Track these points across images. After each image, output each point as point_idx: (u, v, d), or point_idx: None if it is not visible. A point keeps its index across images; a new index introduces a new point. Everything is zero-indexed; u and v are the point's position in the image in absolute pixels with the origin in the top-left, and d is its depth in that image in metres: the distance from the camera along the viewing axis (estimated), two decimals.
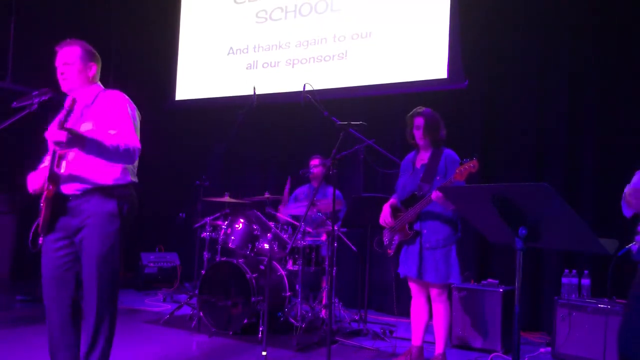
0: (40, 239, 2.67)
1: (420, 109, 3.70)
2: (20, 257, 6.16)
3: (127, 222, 2.74)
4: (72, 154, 2.62)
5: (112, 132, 2.61)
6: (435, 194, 3.37)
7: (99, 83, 2.85)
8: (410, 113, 3.72)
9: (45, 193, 2.60)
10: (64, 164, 2.64)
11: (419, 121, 3.66)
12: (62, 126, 2.37)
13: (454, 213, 3.56)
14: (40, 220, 2.64)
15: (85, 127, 2.62)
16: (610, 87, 4.78)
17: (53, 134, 2.38)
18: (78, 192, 2.64)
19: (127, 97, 2.79)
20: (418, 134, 3.67)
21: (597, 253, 2.31)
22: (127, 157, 2.60)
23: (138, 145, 2.65)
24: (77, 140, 2.40)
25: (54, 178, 2.60)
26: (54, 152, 2.56)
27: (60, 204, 2.63)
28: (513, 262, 1.98)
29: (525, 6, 5.19)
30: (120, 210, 2.69)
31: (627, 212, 2.49)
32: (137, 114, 2.78)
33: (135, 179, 2.79)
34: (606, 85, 4.80)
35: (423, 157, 3.70)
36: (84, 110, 2.69)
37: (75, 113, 2.68)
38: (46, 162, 2.83)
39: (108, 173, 2.66)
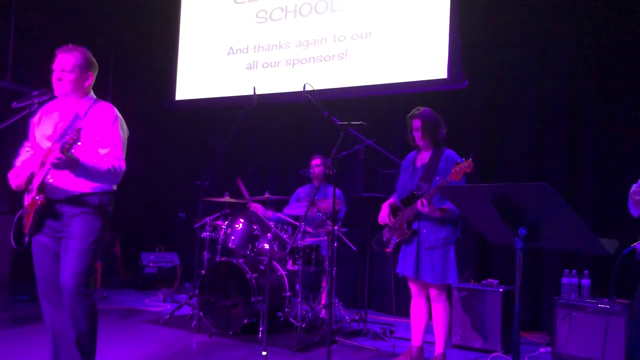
0: (26, 238, 2.73)
1: (418, 110, 3.68)
2: (20, 257, 6.15)
3: (105, 224, 2.80)
4: None
5: (102, 151, 2.70)
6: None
7: (92, 93, 2.87)
8: (409, 115, 3.71)
9: (37, 203, 2.66)
10: (50, 175, 2.70)
11: (417, 123, 3.65)
12: (63, 150, 2.44)
13: (455, 214, 3.55)
14: (27, 223, 2.70)
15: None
16: (610, 87, 4.78)
17: (54, 156, 2.45)
18: (62, 198, 2.71)
19: (116, 111, 2.83)
20: (417, 136, 3.66)
21: (597, 253, 2.31)
22: (114, 179, 2.74)
23: (124, 167, 2.76)
24: (71, 164, 2.51)
25: (44, 188, 2.67)
26: (49, 168, 2.60)
27: (46, 208, 2.69)
28: (513, 262, 1.98)
29: (525, 6, 5.19)
30: (101, 212, 2.77)
31: (635, 212, 2.46)
32: (124, 129, 2.85)
33: (115, 187, 2.87)
34: (606, 85, 4.80)
35: (424, 157, 3.70)
36: (75, 121, 2.72)
37: (65, 123, 2.71)
38: (23, 155, 2.91)
39: (89, 182, 2.73)
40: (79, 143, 2.47)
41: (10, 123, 2.76)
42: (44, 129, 2.80)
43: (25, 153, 2.93)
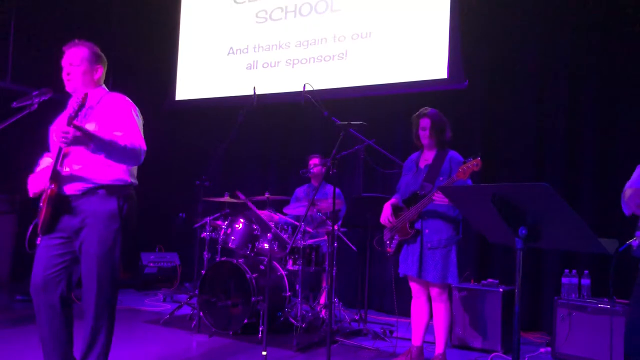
0: (38, 239, 2.67)
1: (426, 109, 3.68)
2: (20, 257, 6.15)
3: (127, 222, 2.74)
4: (72, 153, 2.62)
5: (117, 133, 2.62)
6: (437, 195, 3.37)
7: (104, 86, 2.86)
8: (416, 114, 3.71)
9: (47, 192, 2.60)
10: (66, 165, 2.64)
11: (425, 122, 3.65)
12: (70, 122, 2.37)
13: (458, 213, 3.55)
14: (40, 220, 2.63)
15: (89, 128, 2.63)
16: (610, 87, 4.78)
17: (60, 129, 2.38)
18: (78, 192, 2.64)
19: (130, 100, 2.81)
20: (424, 135, 3.67)
21: (597, 253, 2.31)
22: (134, 157, 2.63)
23: (144, 146, 2.67)
24: (84, 137, 2.43)
25: (56, 177, 2.60)
26: (59, 151, 2.56)
27: (60, 204, 2.63)
28: (513, 262, 1.98)
29: (525, 6, 5.19)
30: (120, 210, 2.69)
31: (627, 211, 2.48)
32: (140, 116, 2.80)
33: (135, 181, 2.80)
34: (606, 85, 4.80)
35: (427, 158, 3.70)
36: (87, 111, 2.70)
37: (80, 113, 2.68)
38: (43, 164, 2.83)
39: (108, 173, 2.67)
40: (84, 108, 2.40)
41: (10, 123, 2.75)
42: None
43: (44, 161, 2.86)
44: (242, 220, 4.63)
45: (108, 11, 7.27)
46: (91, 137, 2.45)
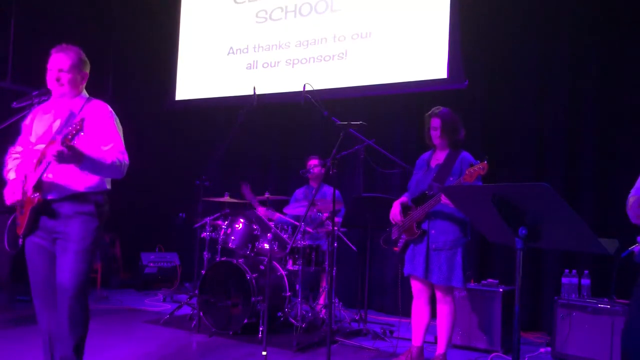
0: (20, 240, 2.73)
1: (438, 109, 3.67)
2: (20, 257, 6.15)
3: (102, 224, 2.80)
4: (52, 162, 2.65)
5: (105, 147, 2.69)
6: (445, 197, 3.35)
7: (84, 92, 2.88)
8: (428, 113, 3.70)
9: (33, 202, 2.64)
10: (47, 172, 2.68)
11: (436, 122, 3.63)
12: (64, 143, 2.40)
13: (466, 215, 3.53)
14: (23, 224, 2.69)
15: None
16: (610, 87, 4.78)
17: (55, 148, 2.42)
18: (58, 198, 2.70)
19: (110, 108, 2.84)
20: (435, 135, 3.65)
21: (597, 253, 2.31)
22: (119, 172, 2.71)
23: (127, 159, 2.75)
24: (75, 157, 2.48)
25: (40, 186, 2.65)
26: (48, 164, 2.59)
27: (43, 208, 2.68)
28: (513, 262, 1.98)
29: (525, 6, 5.19)
30: (99, 212, 2.75)
31: (633, 220, 2.46)
32: (119, 125, 2.84)
33: (109, 186, 2.86)
34: (606, 85, 4.80)
35: (439, 157, 3.68)
36: (69, 118, 2.71)
37: (61, 121, 2.70)
38: (11, 165, 2.88)
39: (87, 181, 2.73)
40: (82, 133, 2.44)
41: (10, 123, 2.75)
42: (37, 130, 2.78)
43: (12, 162, 2.90)
44: (242, 220, 4.63)
45: (108, 11, 7.26)
46: (83, 157, 2.51)
